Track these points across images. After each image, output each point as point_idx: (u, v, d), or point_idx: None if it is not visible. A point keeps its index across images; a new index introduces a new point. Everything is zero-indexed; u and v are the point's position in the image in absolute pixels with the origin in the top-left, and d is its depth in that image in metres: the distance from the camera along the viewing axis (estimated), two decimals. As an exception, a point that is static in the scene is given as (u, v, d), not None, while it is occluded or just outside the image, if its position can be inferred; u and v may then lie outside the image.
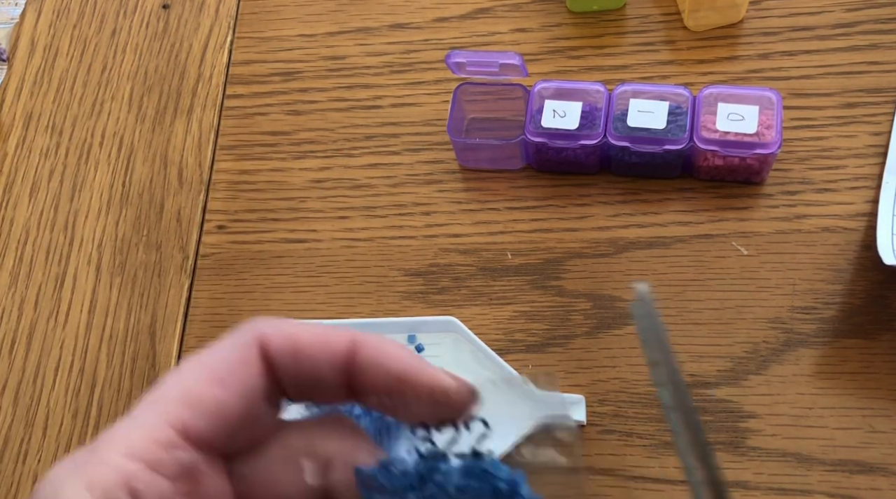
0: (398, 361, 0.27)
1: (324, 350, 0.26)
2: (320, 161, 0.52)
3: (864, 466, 0.39)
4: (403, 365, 0.27)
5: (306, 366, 0.26)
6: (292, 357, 0.26)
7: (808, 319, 0.43)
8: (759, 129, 0.44)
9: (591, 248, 0.46)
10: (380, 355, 0.27)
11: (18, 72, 0.58)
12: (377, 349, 0.27)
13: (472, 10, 0.55)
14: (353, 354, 0.26)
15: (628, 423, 0.42)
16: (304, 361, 0.26)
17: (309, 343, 0.26)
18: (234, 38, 0.57)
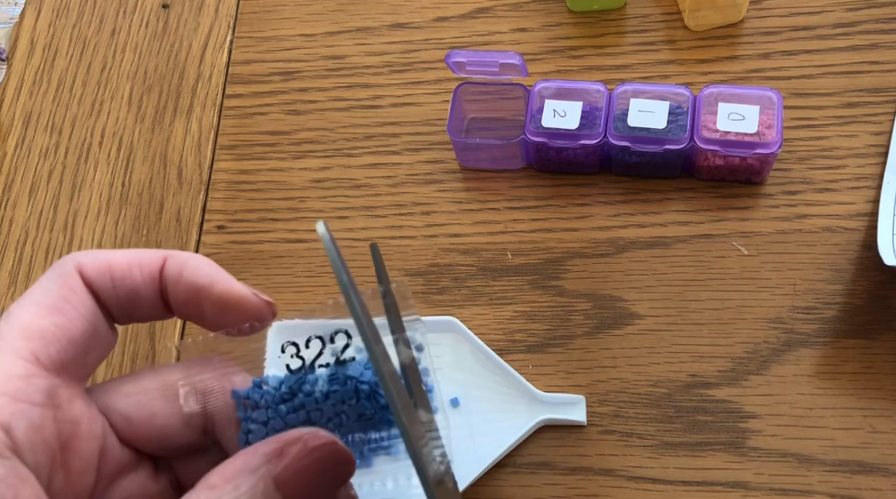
0: (199, 273, 0.29)
1: (138, 270, 0.29)
2: (320, 161, 0.52)
3: (864, 466, 0.39)
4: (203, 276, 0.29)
5: (124, 287, 0.29)
6: (110, 280, 0.28)
7: (809, 319, 0.43)
8: (760, 128, 0.44)
9: (591, 248, 0.46)
10: (183, 269, 0.29)
11: (18, 71, 0.58)
12: (181, 263, 0.29)
13: (472, 9, 0.55)
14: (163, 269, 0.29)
15: (628, 423, 0.42)
16: (120, 283, 0.28)
17: (123, 265, 0.29)
18: (233, 37, 0.57)
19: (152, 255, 0.29)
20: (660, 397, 0.42)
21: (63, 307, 0.27)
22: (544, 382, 0.43)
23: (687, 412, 0.42)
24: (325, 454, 0.26)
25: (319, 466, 0.26)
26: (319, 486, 0.26)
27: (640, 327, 0.44)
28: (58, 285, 0.27)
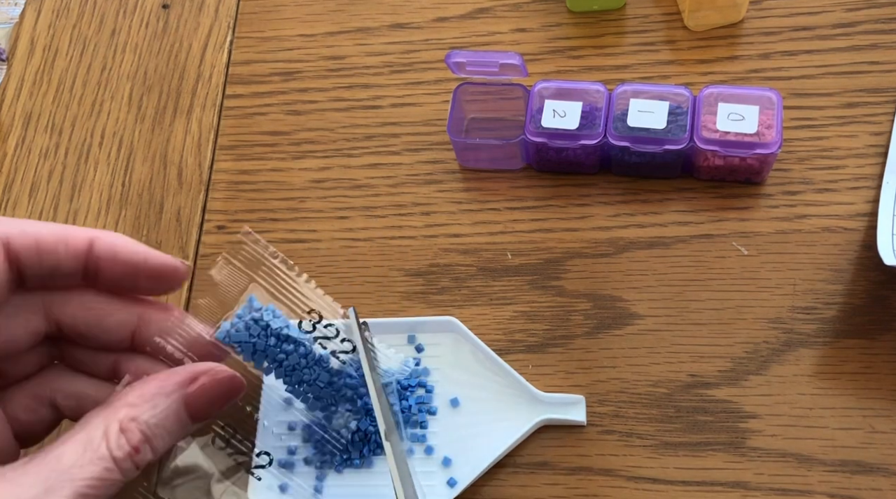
0: (133, 251, 0.33)
1: (63, 247, 0.32)
2: (320, 161, 0.52)
3: (864, 466, 0.39)
4: (138, 254, 0.33)
5: (48, 261, 0.32)
6: (35, 253, 0.31)
7: (809, 319, 0.43)
8: (760, 129, 0.44)
9: (591, 248, 0.46)
10: (115, 248, 0.33)
11: (18, 72, 0.58)
12: (111, 244, 0.33)
13: (472, 10, 0.55)
14: (91, 248, 0.32)
15: (628, 423, 0.42)
16: (47, 256, 0.31)
17: (50, 242, 0.31)
18: (233, 37, 0.57)
19: (77, 234, 0.32)
20: (660, 397, 0.42)
21: None
22: (544, 382, 0.43)
23: (687, 412, 0.42)
24: (226, 382, 0.33)
25: (220, 390, 0.33)
26: (217, 404, 0.33)
27: (640, 327, 0.44)
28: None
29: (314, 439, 0.42)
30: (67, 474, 0.28)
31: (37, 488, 0.28)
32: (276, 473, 0.42)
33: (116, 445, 0.29)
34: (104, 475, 0.29)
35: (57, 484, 0.28)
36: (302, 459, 0.43)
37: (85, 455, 0.29)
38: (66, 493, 0.28)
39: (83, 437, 0.30)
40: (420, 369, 0.44)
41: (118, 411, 0.30)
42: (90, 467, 0.29)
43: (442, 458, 0.42)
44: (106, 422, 0.30)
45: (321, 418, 0.43)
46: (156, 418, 0.31)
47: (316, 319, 0.40)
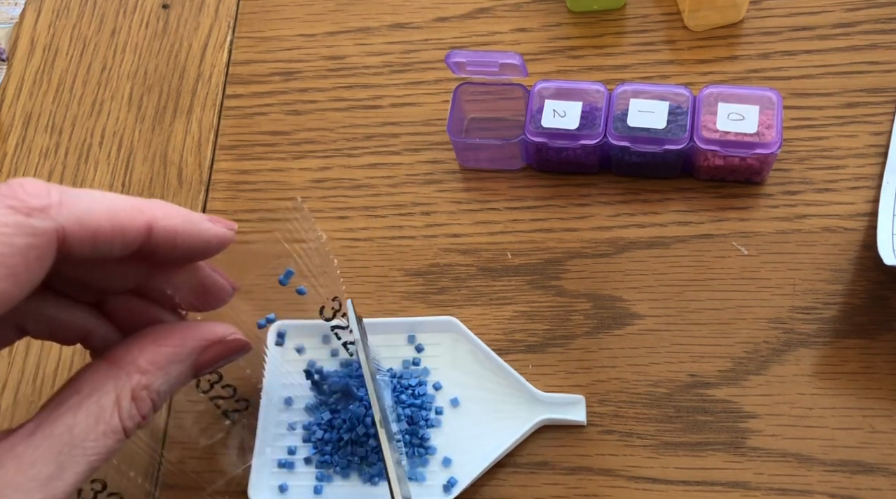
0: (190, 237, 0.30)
1: (121, 239, 0.28)
2: (320, 161, 0.52)
3: (864, 466, 0.39)
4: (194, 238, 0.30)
5: (102, 250, 0.28)
6: (91, 246, 0.28)
7: (809, 319, 0.43)
8: (760, 128, 0.44)
9: (591, 248, 0.46)
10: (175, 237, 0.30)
11: (18, 71, 0.58)
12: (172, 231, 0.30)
13: (472, 9, 0.55)
14: (149, 237, 0.29)
15: (628, 423, 0.42)
16: (101, 247, 0.28)
17: (109, 232, 0.28)
18: (233, 37, 0.57)
19: (134, 222, 0.28)
20: (660, 397, 0.42)
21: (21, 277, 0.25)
22: (544, 382, 0.43)
23: (687, 412, 0.42)
24: (235, 347, 0.32)
25: (228, 352, 0.32)
26: (221, 364, 0.32)
27: (640, 327, 0.44)
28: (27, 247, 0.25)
29: (314, 439, 0.42)
30: (80, 449, 0.27)
31: (51, 466, 0.27)
32: (276, 473, 0.42)
33: (128, 415, 0.29)
34: (113, 446, 0.28)
35: (70, 460, 0.27)
36: (302, 459, 0.43)
37: (98, 427, 0.28)
38: (80, 469, 0.27)
39: (94, 407, 0.28)
40: (420, 369, 0.44)
41: (130, 376, 0.29)
42: (104, 440, 0.28)
43: (442, 458, 0.42)
44: (117, 389, 0.29)
45: (321, 417, 0.43)
46: (166, 384, 0.30)
47: (337, 307, 0.40)
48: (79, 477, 0.27)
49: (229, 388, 0.42)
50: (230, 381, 0.41)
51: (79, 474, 0.27)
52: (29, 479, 0.26)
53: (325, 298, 0.41)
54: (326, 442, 0.42)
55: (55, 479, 0.26)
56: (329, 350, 0.45)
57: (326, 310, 0.41)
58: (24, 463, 0.26)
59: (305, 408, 0.44)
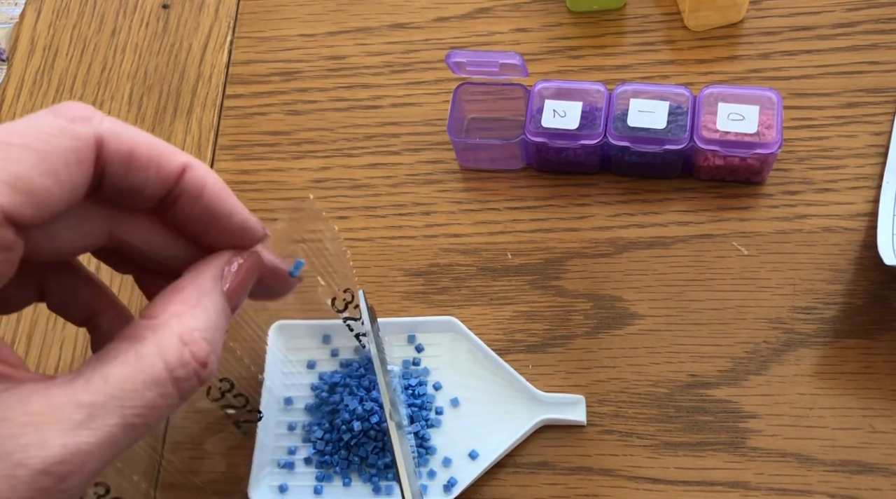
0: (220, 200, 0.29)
1: (155, 168, 0.27)
2: (320, 161, 0.52)
3: (864, 466, 0.39)
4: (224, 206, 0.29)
5: (136, 178, 0.27)
6: (125, 167, 0.26)
7: (809, 319, 0.43)
8: (760, 128, 0.44)
9: (591, 248, 0.46)
10: (203, 190, 0.28)
11: (18, 72, 0.58)
12: (201, 181, 0.28)
13: (472, 9, 0.55)
14: (181, 178, 0.28)
15: (628, 423, 0.42)
16: (135, 173, 0.27)
17: (146, 157, 0.27)
18: (233, 37, 0.57)
19: (172, 157, 0.27)
20: (660, 397, 0.42)
21: (62, 175, 0.25)
22: (544, 382, 0.43)
23: (687, 412, 0.42)
24: (251, 260, 0.30)
25: (249, 274, 0.30)
26: (247, 287, 0.30)
27: (640, 327, 0.44)
28: (69, 145, 0.25)
29: (314, 439, 0.42)
30: (116, 400, 0.24)
31: (80, 413, 0.24)
32: (276, 473, 0.42)
33: (179, 362, 0.25)
34: (158, 403, 0.25)
35: (102, 410, 0.24)
36: (302, 459, 0.43)
37: (136, 378, 0.25)
38: (112, 421, 0.24)
39: (133, 356, 0.25)
40: (420, 369, 0.44)
41: (168, 323, 0.26)
42: (144, 393, 0.25)
43: (442, 458, 0.42)
44: (157, 337, 0.26)
45: (322, 418, 0.43)
46: (210, 320, 0.27)
47: (349, 298, 0.40)
48: (111, 431, 0.24)
49: (241, 397, 0.41)
50: (242, 390, 0.41)
51: (111, 427, 0.24)
52: (55, 420, 0.23)
53: (337, 290, 0.40)
54: (326, 442, 0.42)
55: (83, 427, 0.24)
56: (329, 350, 0.45)
57: (338, 301, 0.40)
58: (53, 404, 0.24)
59: (305, 408, 0.44)
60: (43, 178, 0.24)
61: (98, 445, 0.24)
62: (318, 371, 0.44)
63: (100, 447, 0.24)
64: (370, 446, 0.41)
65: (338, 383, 0.43)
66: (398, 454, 0.37)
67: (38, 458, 0.23)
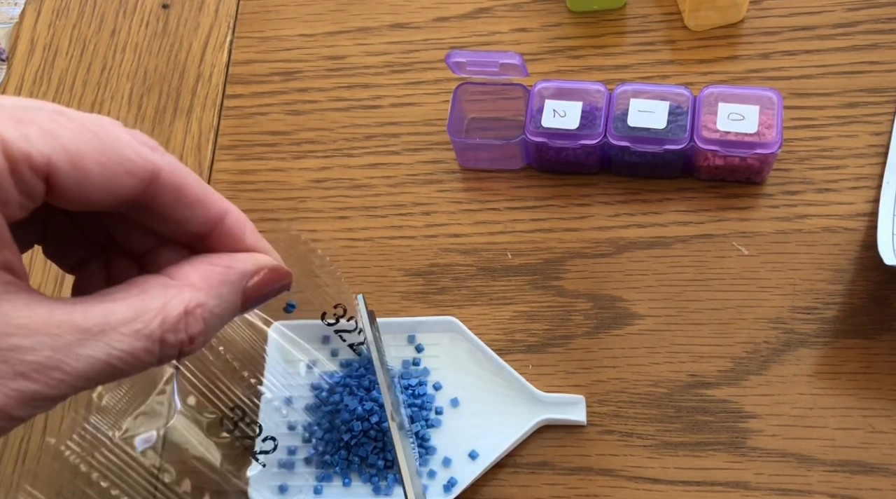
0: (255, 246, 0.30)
1: (203, 207, 0.28)
2: (320, 161, 0.52)
3: (864, 466, 0.39)
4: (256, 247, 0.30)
5: (182, 213, 0.28)
6: (175, 200, 0.28)
7: (809, 319, 0.43)
8: (760, 128, 0.44)
9: (591, 248, 0.46)
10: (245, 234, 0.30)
11: (18, 71, 0.58)
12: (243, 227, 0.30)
13: (472, 9, 0.55)
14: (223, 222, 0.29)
15: (628, 423, 0.42)
16: (182, 209, 0.28)
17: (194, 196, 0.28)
18: (233, 37, 0.57)
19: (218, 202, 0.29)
20: (660, 397, 0.42)
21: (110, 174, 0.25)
22: (544, 382, 0.43)
23: (687, 412, 0.42)
24: (283, 276, 0.31)
25: (273, 283, 0.31)
26: (267, 297, 0.31)
27: (640, 327, 0.44)
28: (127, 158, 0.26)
29: (314, 439, 0.42)
30: (108, 337, 0.25)
31: (73, 335, 0.24)
32: (276, 473, 0.42)
33: (173, 328, 0.26)
34: (140, 356, 0.25)
35: (92, 340, 0.24)
36: (302, 459, 0.43)
37: (132, 325, 0.25)
38: (96, 354, 0.25)
39: (137, 304, 0.26)
40: (420, 369, 0.44)
41: (181, 290, 0.27)
42: (132, 341, 0.25)
43: (442, 458, 0.42)
44: (166, 297, 0.26)
45: (322, 418, 0.43)
46: (219, 307, 0.28)
47: (341, 313, 0.41)
48: (93, 363, 0.24)
49: (254, 426, 0.42)
50: (255, 419, 0.42)
51: (94, 360, 0.24)
52: (48, 333, 0.24)
53: (328, 305, 0.41)
54: (326, 442, 0.42)
55: (70, 350, 0.24)
56: (329, 350, 0.45)
57: (328, 316, 0.41)
58: (51, 319, 0.24)
59: (305, 408, 0.44)
60: (95, 166, 0.25)
61: (76, 372, 0.24)
62: (318, 371, 0.44)
63: (76, 375, 0.24)
64: (370, 446, 0.41)
65: (338, 383, 0.43)
66: (400, 456, 0.37)
67: (21, 361, 0.23)
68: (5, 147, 0.23)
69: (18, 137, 0.24)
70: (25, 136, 0.24)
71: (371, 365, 0.44)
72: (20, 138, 0.24)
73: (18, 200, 0.24)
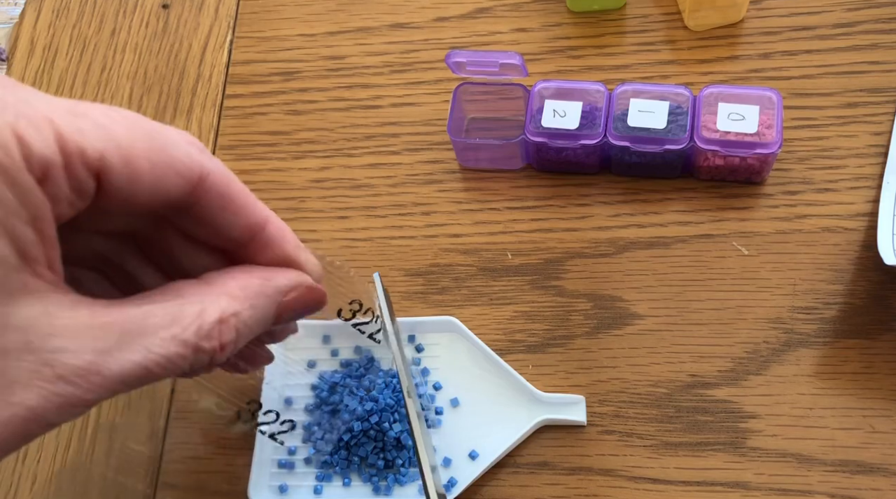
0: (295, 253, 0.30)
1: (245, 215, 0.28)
2: (320, 161, 0.52)
3: (864, 466, 0.39)
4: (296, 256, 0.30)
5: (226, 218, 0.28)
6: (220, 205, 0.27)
7: (809, 319, 0.43)
8: (760, 128, 0.44)
9: (591, 248, 0.46)
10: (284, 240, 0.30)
11: (18, 71, 0.58)
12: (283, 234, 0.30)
13: (472, 9, 0.55)
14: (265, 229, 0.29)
15: (628, 423, 0.42)
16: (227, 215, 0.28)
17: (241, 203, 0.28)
18: (233, 37, 0.57)
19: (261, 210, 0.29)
20: (660, 397, 0.42)
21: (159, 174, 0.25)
22: (544, 382, 0.43)
23: (687, 412, 0.42)
24: (318, 296, 0.31)
25: (308, 301, 0.31)
26: (299, 315, 0.31)
27: (640, 327, 0.44)
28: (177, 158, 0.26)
29: (314, 439, 0.42)
30: (147, 340, 0.24)
31: (112, 339, 0.24)
32: (276, 473, 0.42)
33: (207, 334, 0.26)
34: (175, 360, 0.25)
35: (131, 342, 0.24)
36: (302, 459, 0.43)
37: (171, 329, 0.25)
38: (135, 358, 0.24)
39: (174, 309, 0.26)
40: (420, 369, 0.44)
41: (218, 297, 0.27)
42: (170, 345, 0.25)
43: (442, 458, 0.42)
44: (203, 303, 0.26)
45: (322, 418, 0.43)
46: (253, 318, 0.28)
47: (357, 308, 0.41)
48: (131, 367, 0.24)
49: (271, 413, 0.42)
50: (270, 406, 0.42)
51: (133, 363, 0.24)
52: (90, 335, 0.24)
53: (343, 302, 0.41)
54: (326, 442, 0.42)
55: (109, 354, 0.24)
56: (329, 350, 0.45)
57: (345, 312, 0.41)
58: (94, 320, 0.24)
59: (305, 408, 0.44)
60: (146, 164, 0.25)
61: (115, 376, 0.24)
62: (318, 371, 0.44)
63: (114, 379, 0.24)
64: (370, 445, 0.41)
65: (338, 383, 0.43)
66: (418, 438, 0.37)
67: (63, 364, 0.23)
68: (60, 140, 0.23)
69: (73, 130, 0.23)
70: (80, 130, 0.23)
71: (371, 364, 0.44)
72: (75, 132, 0.23)
73: (69, 198, 0.23)
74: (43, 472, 0.44)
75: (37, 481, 0.44)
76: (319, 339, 0.45)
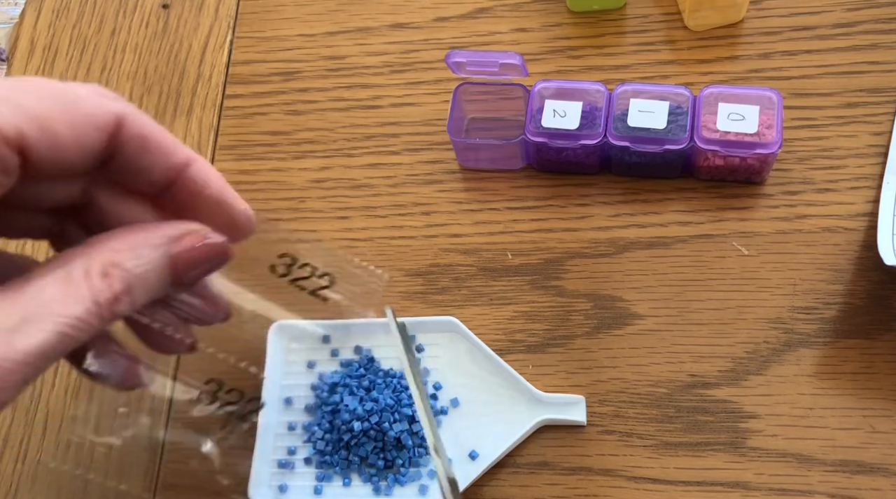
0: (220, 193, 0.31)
1: (166, 155, 0.29)
2: (320, 161, 0.52)
3: (864, 466, 0.39)
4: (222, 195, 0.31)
5: (147, 160, 0.28)
6: (140, 148, 0.28)
7: (809, 319, 0.43)
8: (760, 128, 0.44)
9: (591, 248, 0.46)
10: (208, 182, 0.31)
11: (18, 72, 0.58)
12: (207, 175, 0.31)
13: (472, 9, 0.55)
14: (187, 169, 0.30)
15: (628, 423, 0.42)
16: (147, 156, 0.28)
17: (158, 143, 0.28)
18: (233, 37, 0.57)
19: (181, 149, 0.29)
20: (660, 397, 0.42)
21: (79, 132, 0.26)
22: (544, 382, 0.43)
23: (687, 412, 0.42)
24: (214, 248, 0.30)
25: (207, 256, 0.30)
26: (201, 270, 0.30)
27: (640, 327, 0.44)
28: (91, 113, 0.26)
29: (314, 439, 0.42)
30: (48, 309, 0.25)
31: (14, 317, 0.25)
32: (276, 473, 0.42)
33: (99, 287, 0.27)
34: (86, 317, 0.26)
35: (36, 316, 0.25)
36: (302, 459, 0.43)
37: (67, 292, 0.26)
38: (46, 327, 0.25)
39: (62, 274, 0.26)
40: (420, 370, 0.44)
41: (101, 252, 0.27)
42: (74, 306, 0.26)
43: (442, 458, 0.42)
44: (86, 263, 0.27)
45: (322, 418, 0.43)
46: (139, 268, 0.28)
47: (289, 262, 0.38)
48: (47, 340, 0.25)
49: (234, 392, 0.41)
50: (233, 385, 0.41)
51: (48, 335, 0.25)
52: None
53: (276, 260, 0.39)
54: (326, 442, 0.42)
55: (17, 332, 0.25)
56: (329, 350, 0.45)
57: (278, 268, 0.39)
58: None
59: (305, 408, 0.44)
60: (63, 127, 0.25)
61: (33, 352, 0.25)
62: (318, 371, 0.44)
63: (36, 355, 0.25)
64: (370, 446, 0.41)
65: (338, 383, 0.43)
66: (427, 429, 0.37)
67: None
68: None
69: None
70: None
71: (371, 364, 0.44)
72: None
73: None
74: (43, 472, 0.44)
75: (37, 481, 0.44)
76: (319, 339, 0.45)
